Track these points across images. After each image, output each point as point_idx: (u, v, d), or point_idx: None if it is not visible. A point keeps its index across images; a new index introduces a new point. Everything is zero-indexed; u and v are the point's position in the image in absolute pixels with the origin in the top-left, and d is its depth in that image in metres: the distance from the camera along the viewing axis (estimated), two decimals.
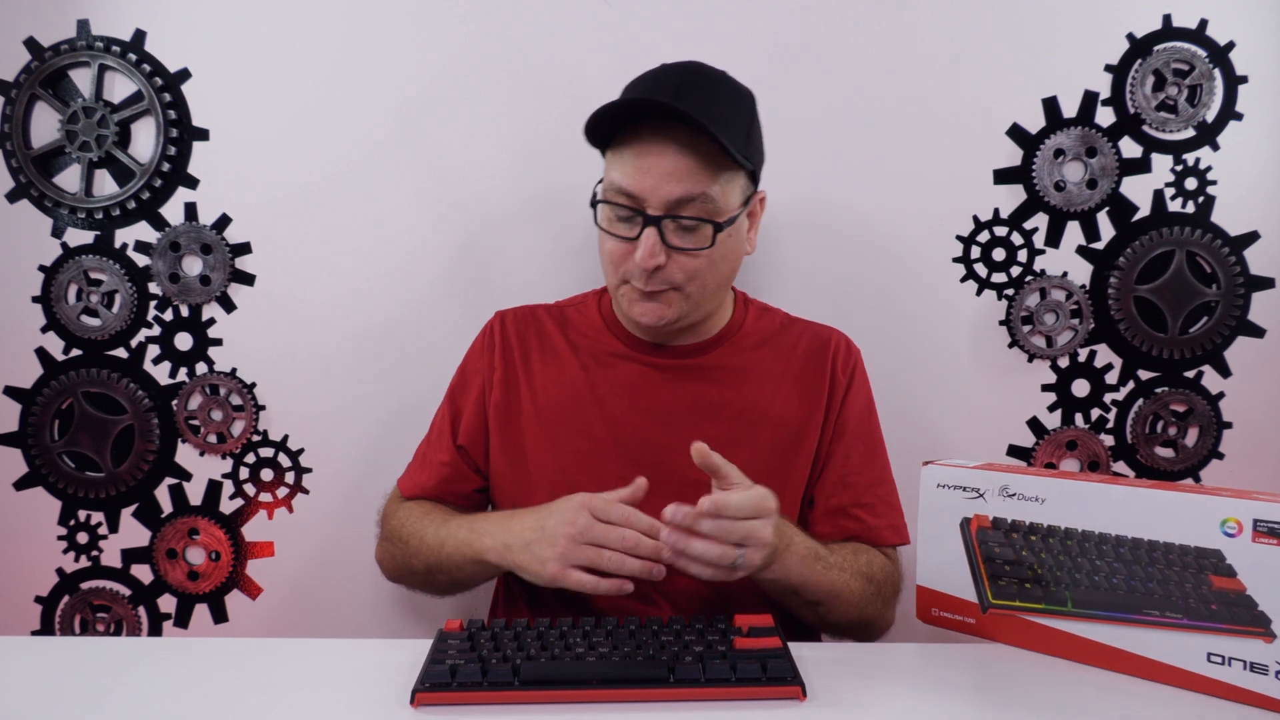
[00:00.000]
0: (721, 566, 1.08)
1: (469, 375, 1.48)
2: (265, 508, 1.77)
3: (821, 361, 1.43)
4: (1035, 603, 1.11)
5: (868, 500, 1.39)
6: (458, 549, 1.28)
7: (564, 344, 1.45)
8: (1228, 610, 0.97)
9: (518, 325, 1.48)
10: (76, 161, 1.71)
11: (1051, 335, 1.74)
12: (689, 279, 1.29)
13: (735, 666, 0.96)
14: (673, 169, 1.23)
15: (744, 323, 1.46)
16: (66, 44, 1.69)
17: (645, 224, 1.25)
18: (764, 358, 1.43)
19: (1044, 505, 1.10)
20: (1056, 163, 1.70)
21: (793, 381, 1.41)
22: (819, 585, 1.22)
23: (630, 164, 1.25)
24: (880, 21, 1.70)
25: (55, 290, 1.72)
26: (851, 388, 1.43)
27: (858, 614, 1.28)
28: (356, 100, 1.72)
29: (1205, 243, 1.70)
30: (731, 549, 1.08)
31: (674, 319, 1.32)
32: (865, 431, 1.44)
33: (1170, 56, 1.68)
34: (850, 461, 1.41)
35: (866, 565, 1.31)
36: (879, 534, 1.38)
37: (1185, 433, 1.75)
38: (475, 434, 1.44)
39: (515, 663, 0.96)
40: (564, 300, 1.54)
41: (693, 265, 1.28)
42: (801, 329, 1.48)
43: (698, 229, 1.27)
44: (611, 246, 1.30)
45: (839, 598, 1.25)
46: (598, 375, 1.41)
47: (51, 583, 1.78)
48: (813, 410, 1.40)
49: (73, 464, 1.76)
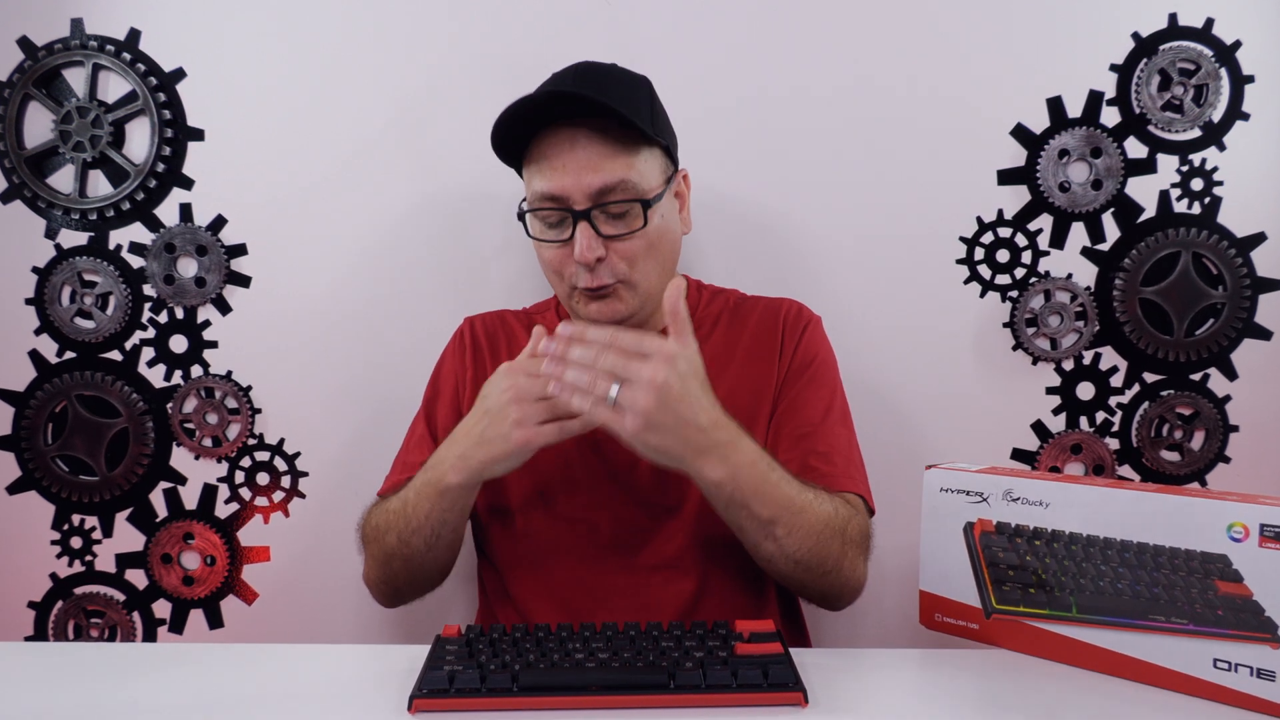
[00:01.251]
0: (599, 399, 1.06)
1: (443, 380, 1.49)
2: (261, 512, 1.78)
3: (773, 330, 1.43)
4: (1039, 608, 1.11)
5: (820, 448, 1.34)
6: (420, 497, 1.25)
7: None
8: (1234, 616, 0.97)
9: (487, 330, 1.49)
10: (70, 162, 1.71)
11: (1056, 337, 1.74)
12: (631, 266, 1.31)
13: (736, 672, 0.95)
14: (587, 160, 1.26)
15: (697, 308, 1.47)
16: (60, 43, 1.70)
17: (575, 220, 1.27)
18: (717, 338, 1.43)
19: (1048, 509, 1.10)
20: (1061, 163, 1.70)
21: (745, 356, 1.41)
22: (771, 496, 1.15)
23: (546, 166, 1.28)
24: (882, 21, 1.70)
25: (49, 292, 1.73)
26: (802, 342, 1.41)
27: (819, 546, 1.19)
28: (353, 100, 1.72)
29: (1211, 244, 1.70)
30: (604, 378, 1.06)
31: (627, 314, 1.32)
32: (819, 383, 1.40)
33: (1176, 56, 1.68)
34: (799, 411, 1.37)
35: (829, 501, 1.23)
36: (834, 480, 1.30)
37: (1191, 436, 1.75)
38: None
39: (514, 669, 0.96)
40: (531, 306, 1.57)
41: (632, 250, 1.30)
42: (753, 304, 1.48)
43: (627, 213, 1.29)
44: (549, 255, 1.32)
45: (798, 513, 1.17)
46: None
47: (45, 588, 1.78)
48: (764, 378, 1.39)
49: (66, 468, 1.76)
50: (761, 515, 1.15)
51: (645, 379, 1.04)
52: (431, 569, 1.36)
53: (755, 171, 1.72)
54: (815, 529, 1.19)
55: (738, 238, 1.73)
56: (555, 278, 1.34)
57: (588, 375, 1.06)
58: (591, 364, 1.07)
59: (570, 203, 1.27)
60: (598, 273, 1.28)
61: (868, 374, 1.71)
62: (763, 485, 1.14)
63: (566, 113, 1.27)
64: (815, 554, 1.20)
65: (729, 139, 1.70)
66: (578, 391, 1.07)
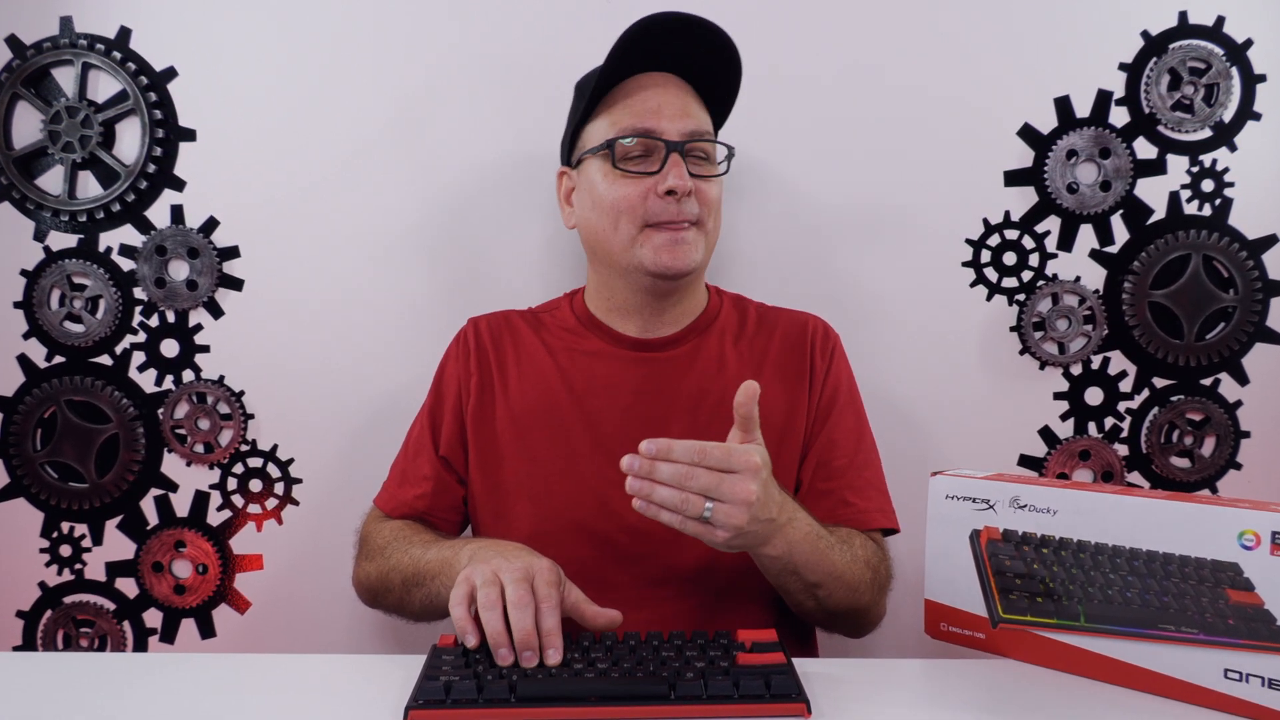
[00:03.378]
0: (692, 517, 1.07)
1: (445, 385, 1.49)
2: (254, 519, 1.78)
3: (801, 349, 1.45)
4: (1047, 617, 1.11)
5: (856, 483, 1.40)
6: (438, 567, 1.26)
7: (539, 347, 1.46)
8: (1245, 625, 0.97)
9: (491, 331, 1.49)
10: (59, 163, 1.71)
11: (1064, 342, 1.74)
12: (709, 212, 1.36)
13: (738, 683, 0.96)
14: (682, 104, 1.36)
15: (719, 312, 1.48)
16: (49, 42, 1.70)
17: (669, 150, 1.32)
18: (742, 348, 1.45)
19: (1056, 517, 1.10)
20: (1069, 164, 1.71)
21: (773, 371, 1.43)
22: (820, 566, 1.21)
23: (637, 103, 1.35)
24: (886, 20, 1.71)
25: (37, 295, 1.73)
26: (831, 369, 1.45)
27: (854, 598, 1.28)
28: (348, 100, 1.72)
29: (1222, 246, 1.70)
30: (697, 498, 1.06)
31: (691, 265, 1.35)
32: (848, 413, 1.45)
33: (1186, 54, 1.68)
34: (835, 444, 1.41)
35: (862, 549, 1.31)
36: (868, 517, 1.38)
37: (1202, 442, 1.75)
38: (455, 444, 1.45)
39: (511, 679, 0.96)
40: (537, 306, 1.56)
41: (710, 195, 1.36)
42: (777, 316, 1.50)
43: (709, 158, 1.39)
44: (625, 192, 1.34)
45: (839, 579, 1.24)
46: (574, 375, 1.42)
47: (34, 597, 1.78)
48: (796, 399, 1.42)
49: (55, 474, 1.76)
50: (808, 580, 1.23)
51: (739, 498, 1.06)
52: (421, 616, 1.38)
53: (756, 172, 1.72)
54: (853, 587, 1.27)
55: (739, 240, 1.74)
56: (624, 219, 1.34)
57: (679, 495, 1.06)
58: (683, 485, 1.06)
59: (663, 135, 1.33)
60: (684, 206, 1.32)
61: (872, 378, 1.70)
62: (814, 555, 1.21)
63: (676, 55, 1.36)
64: (851, 606, 1.29)
65: (730, 140, 1.70)
66: (667, 510, 1.07)
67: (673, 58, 1.36)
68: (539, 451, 1.39)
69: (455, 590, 1.08)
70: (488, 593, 1.05)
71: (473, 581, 1.08)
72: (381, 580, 1.37)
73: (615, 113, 1.35)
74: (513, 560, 1.11)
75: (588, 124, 1.39)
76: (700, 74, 1.39)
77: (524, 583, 1.06)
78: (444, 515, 1.46)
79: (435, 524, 1.45)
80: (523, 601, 1.04)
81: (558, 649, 1.02)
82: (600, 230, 1.37)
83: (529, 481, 1.38)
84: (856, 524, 1.37)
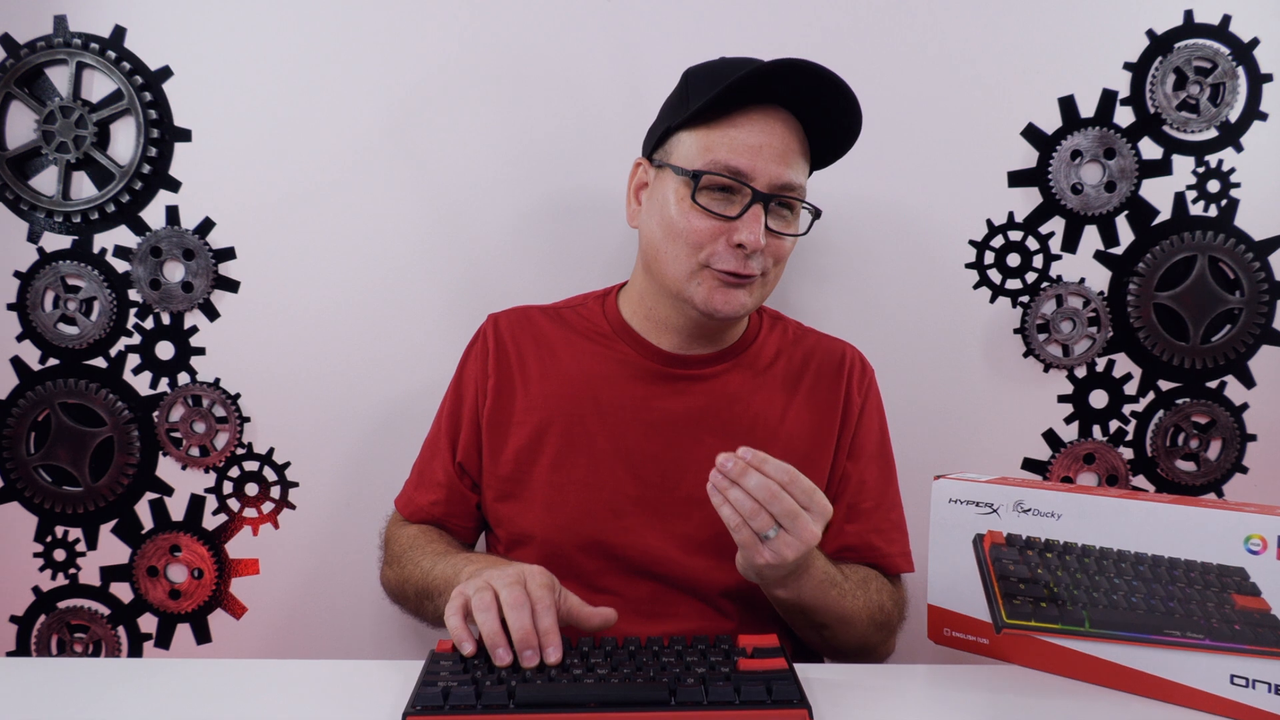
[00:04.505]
0: (751, 531, 1.09)
1: (464, 385, 1.46)
2: (250, 524, 1.78)
3: (836, 380, 1.43)
4: (1051, 623, 1.11)
5: (883, 526, 1.40)
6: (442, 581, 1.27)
7: (563, 346, 1.43)
8: (1252, 631, 0.97)
9: (512, 329, 1.46)
10: (53, 163, 1.71)
11: (1068, 344, 1.74)
12: (775, 264, 1.33)
13: (739, 688, 0.95)
14: (783, 151, 1.27)
15: (759, 334, 1.46)
16: (43, 40, 1.70)
17: (754, 200, 1.26)
18: (776, 372, 1.43)
19: (1060, 521, 1.11)
20: (1073, 164, 1.71)
21: (805, 398, 1.42)
22: (830, 610, 1.23)
23: (740, 140, 1.26)
24: (890, 19, 1.71)
25: (31, 297, 1.73)
26: (866, 408, 1.44)
27: (861, 640, 1.29)
28: (346, 100, 1.72)
29: (1228, 248, 1.71)
30: (766, 516, 1.08)
31: (745, 311, 1.32)
32: (880, 455, 1.45)
33: (1192, 54, 1.69)
34: (866, 486, 1.41)
35: (877, 593, 1.32)
36: (892, 561, 1.39)
37: (1207, 445, 1.75)
38: (471, 449, 1.43)
39: (510, 684, 0.96)
40: (559, 302, 1.53)
41: (782, 251, 1.32)
42: (814, 341, 1.48)
43: (793, 214, 1.33)
44: (698, 225, 1.27)
45: (847, 624, 1.26)
46: (598, 381, 1.39)
47: (28, 601, 1.78)
48: (826, 430, 1.41)
49: (50, 478, 1.76)
50: (816, 621, 1.25)
51: (804, 537, 1.09)
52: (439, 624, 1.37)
53: None
54: (860, 632, 1.28)
55: None
56: (687, 249, 1.29)
57: (754, 507, 1.08)
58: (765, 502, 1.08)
59: (753, 182, 1.26)
60: (751, 261, 1.28)
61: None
62: (824, 601, 1.23)
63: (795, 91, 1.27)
64: (858, 646, 1.31)
65: None
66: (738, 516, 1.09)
67: (791, 94, 1.28)
68: (561, 460, 1.37)
69: (450, 604, 1.08)
70: (481, 597, 1.06)
71: (466, 594, 1.08)
72: (399, 588, 1.39)
73: (714, 136, 1.27)
74: (504, 569, 1.11)
75: (683, 129, 1.31)
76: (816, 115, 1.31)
77: (517, 585, 1.06)
78: (460, 523, 1.45)
79: (452, 530, 1.45)
80: (518, 602, 1.04)
81: (557, 647, 1.02)
82: (661, 250, 1.32)
83: (545, 489, 1.36)
84: (880, 567, 1.39)
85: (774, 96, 1.28)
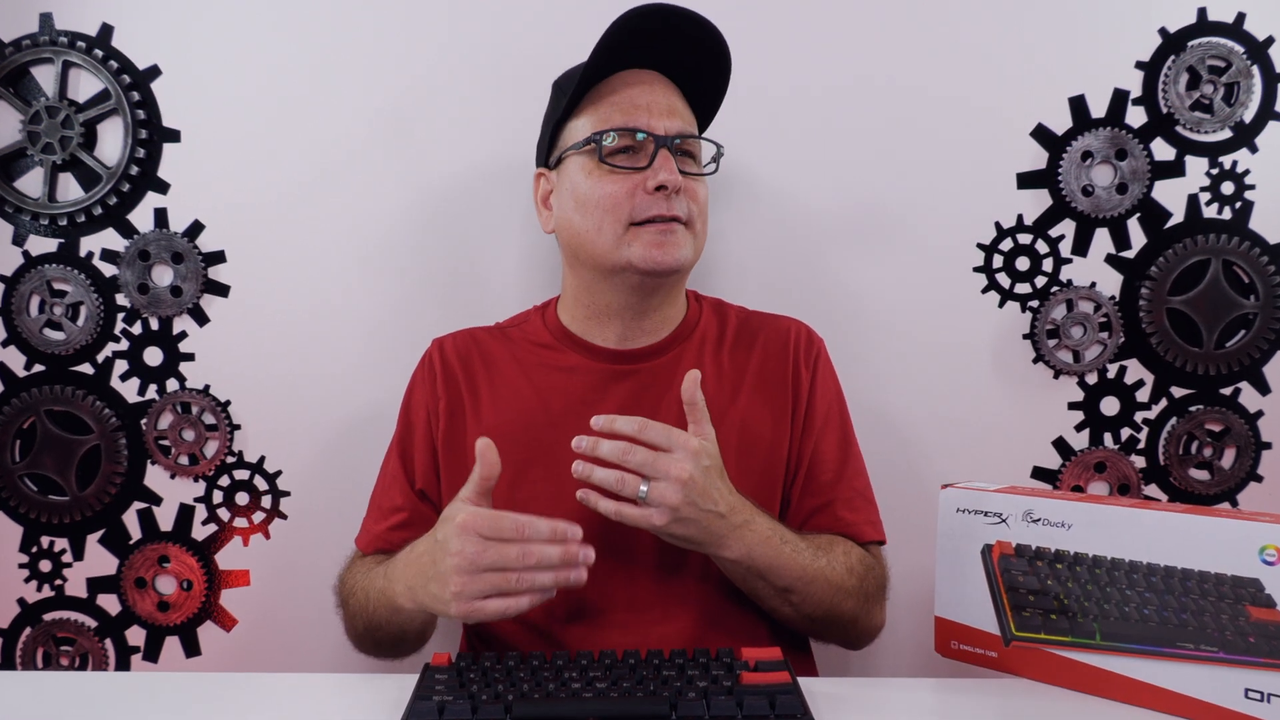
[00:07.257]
0: (627, 497, 1.14)
1: (413, 412, 1.47)
2: (240, 534, 1.78)
3: (783, 358, 1.45)
4: (1061, 635, 1.12)
5: (844, 495, 1.41)
6: (380, 602, 1.28)
7: (510, 364, 1.45)
8: (1267, 643, 0.97)
9: (458, 350, 1.48)
10: (39, 164, 1.71)
11: (1079, 349, 1.74)
12: (698, 212, 1.37)
13: (741, 703, 0.96)
14: (669, 104, 1.37)
15: (699, 320, 1.48)
16: (28, 39, 1.70)
17: (658, 146, 1.33)
18: (723, 358, 1.45)
19: (1070, 531, 1.11)
20: (1084, 166, 1.71)
21: (754, 380, 1.43)
22: (786, 568, 1.24)
23: (626, 100, 1.35)
24: (896, 18, 1.71)
25: (16, 302, 1.73)
26: (816, 380, 1.45)
27: (834, 606, 1.28)
28: (337, 100, 1.73)
29: (1243, 251, 1.71)
30: (633, 477, 1.13)
31: (679, 263, 1.34)
32: (835, 424, 1.45)
33: (1205, 53, 1.69)
34: (822, 457, 1.42)
35: (845, 555, 1.32)
36: (859, 529, 1.39)
37: (1221, 454, 1.76)
38: (430, 475, 1.43)
39: (507, 699, 0.97)
40: (504, 321, 1.56)
41: (700, 195, 1.37)
42: (759, 323, 1.50)
43: (695, 161, 1.40)
44: (611, 189, 1.33)
45: (811, 582, 1.25)
46: (549, 392, 1.42)
47: (12, 614, 1.78)
48: (780, 411, 1.42)
49: (35, 487, 1.76)
50: (777, 585, 1.26)
51: (673, 476, 1.13)
52: (407, 648, 1.40)
53: (760, 174, 1.72)
54: (829, 593, 1.28)
55: (743, 243, 1.74)
56: (610, 216, 1.33)
57: (615, 475, 1.14)
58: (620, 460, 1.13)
59: (652, 131, 1.33)
60: (674, 202, 1.32)
61: (880, 388, 1.71)
62: (777, 559, 1.23)
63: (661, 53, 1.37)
64: (830, 613, 1.30)
65: (733, 141, 1.70)
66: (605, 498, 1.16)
67: (658, 56, 1.38)
68: (516, 476, 1.35)
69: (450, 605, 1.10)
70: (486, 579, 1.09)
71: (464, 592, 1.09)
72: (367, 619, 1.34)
73: (600, 109, 1.36)
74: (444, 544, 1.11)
75: (569, 122, 1.39)
76: (687, 73, 1.41)
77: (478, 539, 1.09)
78: None
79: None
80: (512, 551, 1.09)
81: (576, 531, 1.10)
82: (583, 231, 1.36)
83: (509, 507, 1.34)
84: (852, 536, 1.39)
85: (645, 61, 1.38)
